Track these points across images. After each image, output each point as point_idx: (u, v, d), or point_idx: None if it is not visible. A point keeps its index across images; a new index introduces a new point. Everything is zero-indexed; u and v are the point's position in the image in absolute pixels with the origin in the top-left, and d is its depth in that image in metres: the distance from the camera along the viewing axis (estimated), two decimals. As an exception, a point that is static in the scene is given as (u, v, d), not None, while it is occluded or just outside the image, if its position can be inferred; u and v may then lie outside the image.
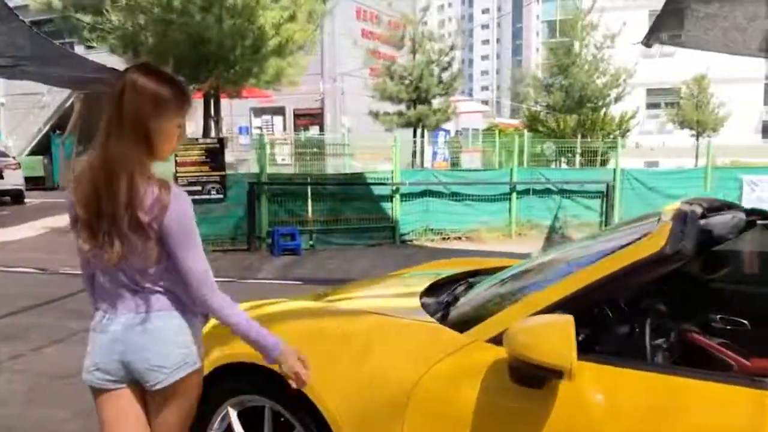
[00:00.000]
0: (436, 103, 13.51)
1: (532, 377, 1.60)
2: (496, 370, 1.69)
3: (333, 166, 16.05)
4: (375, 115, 13.97)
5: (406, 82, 13.11)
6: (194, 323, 1.84)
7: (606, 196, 11.69)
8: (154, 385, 1.77)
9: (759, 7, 8.38)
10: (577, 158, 16.68)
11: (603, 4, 19.73)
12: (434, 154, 18.35)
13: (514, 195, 11.24)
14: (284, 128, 19.72)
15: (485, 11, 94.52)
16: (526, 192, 11.43)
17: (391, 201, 10.53)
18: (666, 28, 9.10)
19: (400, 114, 13.65)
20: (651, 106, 38.17)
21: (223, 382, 2.13)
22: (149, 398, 1.82)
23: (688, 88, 24.52)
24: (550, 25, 42.36)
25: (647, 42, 9.69)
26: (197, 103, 10.54)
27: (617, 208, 11.70)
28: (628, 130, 20.27)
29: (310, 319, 2.17)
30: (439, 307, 2.20)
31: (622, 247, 1.84)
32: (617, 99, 18.26)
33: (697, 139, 23.68)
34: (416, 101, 13.19)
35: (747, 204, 12.61)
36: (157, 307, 1.77)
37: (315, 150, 16.56)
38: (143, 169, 1.70)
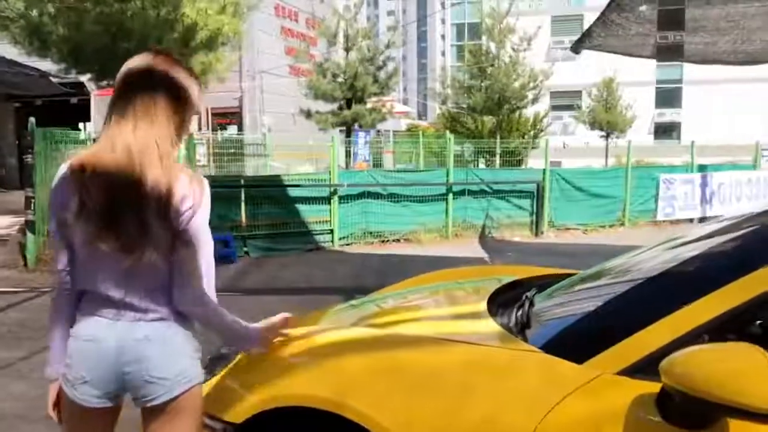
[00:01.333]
0: (369, 102, 13.26)
1: (694, 414, 1.36)
2: (638, 412, 1.44)
3: (253, 167, 15.43)
4: (307, 113, 13.51)
5: (340, 79, 12.76)
6: (193, 333, 1.67)
7: (537, 195, 11.88)
8: (151, 400, 1.59)
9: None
10: (497, 159, 16.98)
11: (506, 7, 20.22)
12: (355, 155, 18.13)
13: (451, 196, 11.19)
14: (199, 128, 18.81)
15: (390, 13, 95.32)
16: (462, 193, 11.41)
17: (329, 203, 10.17)
18: (592, 35, 9.41)
19: (334, 113, 13.28)
20: (554, 108, 40.07)
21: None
22: (147, 416, 1.63)
23: (598, 90, 25.73)
24: (458, 28, 43.36)
25: (576, 48, 9.96)
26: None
27: (546, 207, 11.94)
28: (541, 131, 20.95)
29: (378, 353, 1.82)
30: (517, 328, 1.93)
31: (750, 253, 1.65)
32: (534, 100, 18.79)
33: (607, 140, 24.91)
34: (351, 100, 12.87)
35: (662, 201, 13.29)
36: (164, 313, 1.60)
37: (233, 150, 15.89)
38: (173, 159, 1.60)
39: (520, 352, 1.71)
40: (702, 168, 14.06)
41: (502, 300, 2.20)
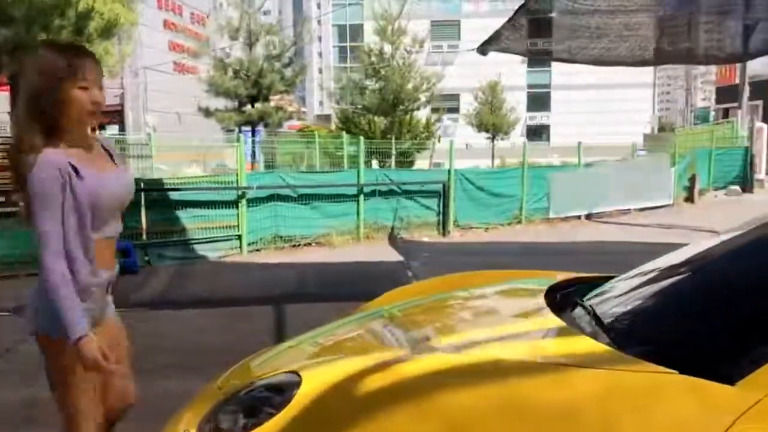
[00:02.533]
0: (273, 100, 12.70)
1: None
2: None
3: (138, 169, 14.33)
4: (206, 111, 12.68)
5: (242, 75, 12.08)
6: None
7: (443, 195, 12.01)
8: None
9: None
10: (393, 159, 17.08)
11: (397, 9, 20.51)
12: (248, 155, 17.45)
13: (362, 197, 11.00)
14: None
15: (267, 13, 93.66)
16: (372, 194, 11.26)
17: (237, 207, 9.60)
18: (500, 38, 9.67)
19: (238, 111, 12.56)
20: (433, 110, 41.33)
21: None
22: None
23: (483, 93, 26.70)
24: (340, 29, 43.36)
25: (483, 50, 10.17)
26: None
27: (452, 207, 12.11)
28: (432, 133, 21.39)
29: (486, 384, 1.56)
30: (620, 345, 1.75)
31: None
32: (428, 101, 19.11)
33: (493, 141, 25.95)
34: (256, 98, 12.24)
35: (554, 199, 13.96)
36: None
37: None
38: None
39: (657, 376, 1.52)
40: (588, 166, 14.97)
41: (572, 311, 2.03)
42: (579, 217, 14.61)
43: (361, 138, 11.65)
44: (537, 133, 39.26)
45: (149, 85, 16.60)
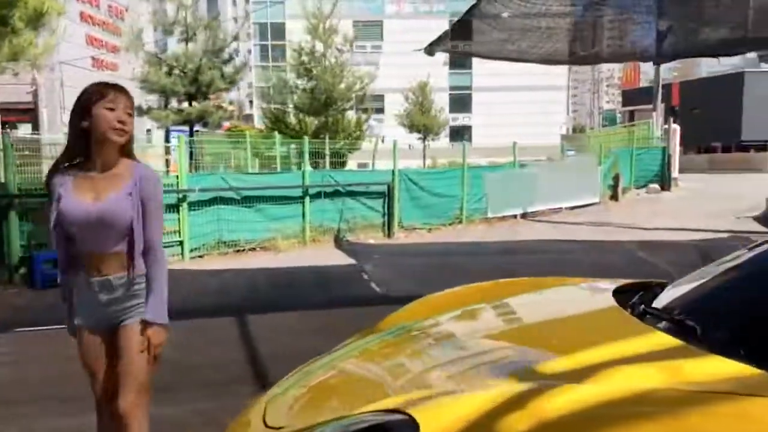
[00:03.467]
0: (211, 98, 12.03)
1: None
2: None
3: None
4: (140, 110, 11.81)
5: (177, 72, 11.34)
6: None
7: (388, 196, 11.85)
8: None
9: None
10: (327, 160, 16.77)
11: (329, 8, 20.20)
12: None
13: (307, 199, 10.66)
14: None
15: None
16: (318, 195, 10.94)
17: (178, 211, 9.03)
18: (448, 39, 9.67)
19: (177, 110, 11.79)
20: (363, 110, 41.28)
21: None
22: None
23: (413, 94, 26.75)
24: (261, 28, 42.37)
25: (430, 51, 10.13)
26: None
27: (397, 208, 11.97)
28: (363, 133, 21.21)
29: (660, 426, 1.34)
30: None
31: None
32: (360, 101, 18.90)
33: (424, 142, 26.05)
34: (195, 95, 11.52)
35: (492, 199, 14.12)
36: None
37: (27, 153, 13.54)
38: None
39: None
40: (522, 167, 15.25)
41: (672, 326, 1.86)
42: (515, 216, 14.86)
43: (306, 138, 11.29)
44: (459, 134, 39.96)
45: (66, 81, 15.44)
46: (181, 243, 9.08)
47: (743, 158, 37.02)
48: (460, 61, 39.83)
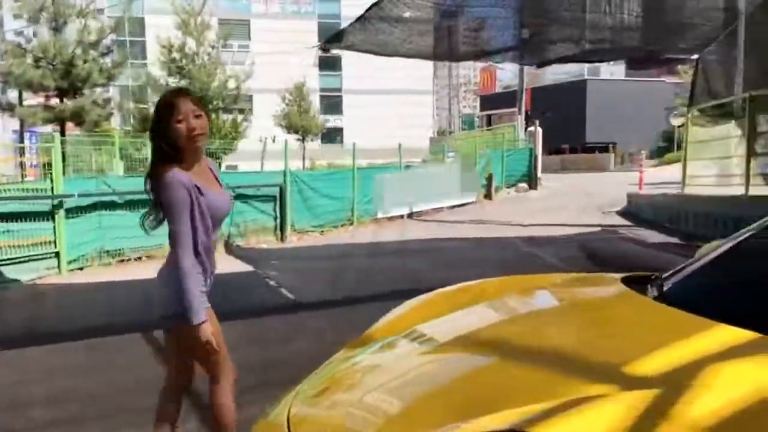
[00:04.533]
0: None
1: None
2: None
3: None
4: (8, 107, 10.30)
5: (46, 64, 10.01)
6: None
7: (280, 199, 11.48)
8: None
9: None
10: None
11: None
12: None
13: (198, 203, 10.00)
14: None
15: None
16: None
17: (53, 220, 8.07)
18: (347, 36, 9.56)
19: (47, 107, 10.39)
20: (224, 110, 39.80)
21: None
22: None
23: (290, 94, 26.20)
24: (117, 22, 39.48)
25: (326, 47, 9.96)
26: None
27: (289, 210, 11.64)
28: (239, 134, 20.48)
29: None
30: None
31: None
32: (234, 101, 18.21)
33: (303, 143, 25.58)
34: (68, 91, 10.24)
35: (381, 199, 14.19)
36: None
37: None
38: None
39: None
40: (407, 168, 15.49)
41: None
42: (402, 216, 15.08)
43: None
44: (332, 135, 39.92)
45: None
46: (57, 254, 8.12)
47: (590, 159, 40.51)
48: (330, 62, 39.89)
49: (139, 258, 9.17)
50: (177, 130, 2.33)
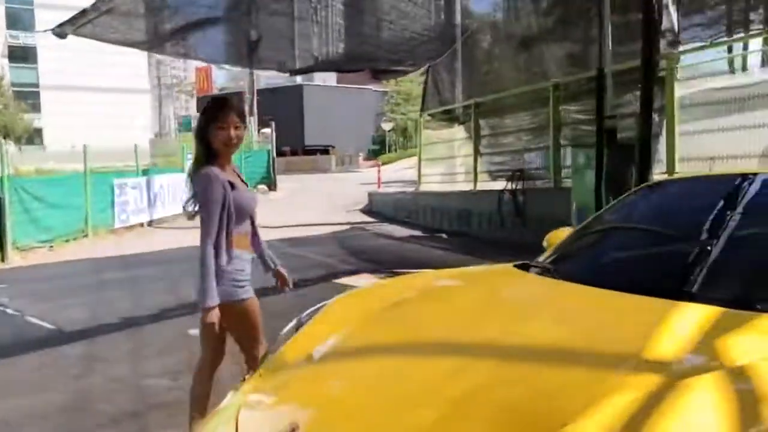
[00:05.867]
0: None
1: None
2: None
3: None
4: None
5: None
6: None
7: (-2, 210, 9.57)
8: None
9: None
10: None
11: None
12: None
13: None
14: None
15: None
16: None
17: None
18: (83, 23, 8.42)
19: None
20: None
21: None
22: None
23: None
24: None
25: (62, 31, 8.65)
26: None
27: (9, 224, 9.75)
28: None
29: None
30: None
31: None
32: None
33: (3, 145, 21.43)
34: None
35: (118, 207, 12.74)
36: None
37: None
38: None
39: None
40: (146, 172, 14.25)
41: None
42: (142, 224, 13.85)
43: None
44: (29, 137, 34.43)
45: None
46: None
47: (312, 160, 42.19)
48: (21, 54, 34.81)
49: None
50: (215, 136, 2.67)
